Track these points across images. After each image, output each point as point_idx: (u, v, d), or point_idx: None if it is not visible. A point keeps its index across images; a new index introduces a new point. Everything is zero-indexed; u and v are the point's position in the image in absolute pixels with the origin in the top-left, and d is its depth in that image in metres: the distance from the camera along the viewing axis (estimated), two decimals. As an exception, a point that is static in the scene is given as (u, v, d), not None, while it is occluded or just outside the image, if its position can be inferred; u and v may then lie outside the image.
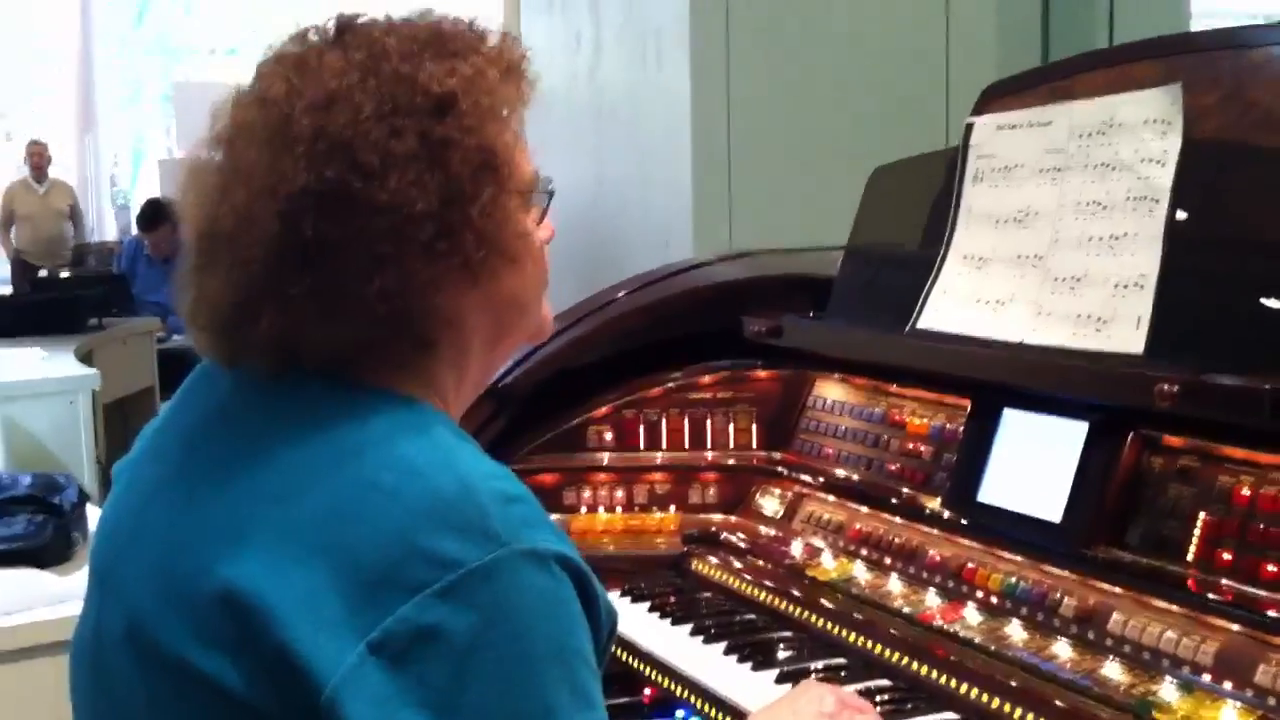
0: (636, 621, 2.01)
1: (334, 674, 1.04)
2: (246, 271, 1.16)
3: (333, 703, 1.04)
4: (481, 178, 1.20)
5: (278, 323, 1.16)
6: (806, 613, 1.93)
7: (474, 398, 1.33)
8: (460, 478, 1.12)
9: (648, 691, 1.94)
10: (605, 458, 2.30)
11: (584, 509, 2.28)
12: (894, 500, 2.00)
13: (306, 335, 1.17)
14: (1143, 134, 1.71)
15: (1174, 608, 1.55)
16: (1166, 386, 1.51)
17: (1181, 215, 1.66)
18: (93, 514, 2.63)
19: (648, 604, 2.06)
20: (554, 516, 2.20)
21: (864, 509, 2.05)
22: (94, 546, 1.29)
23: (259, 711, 1.07)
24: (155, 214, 8.14)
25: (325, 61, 1.19)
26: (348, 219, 1.15)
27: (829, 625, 1.88)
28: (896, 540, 1.95)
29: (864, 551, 1.99)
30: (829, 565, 2.01)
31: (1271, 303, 1.52)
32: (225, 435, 1.21)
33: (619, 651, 1.96)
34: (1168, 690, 1.49)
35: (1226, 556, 1.53)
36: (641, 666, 1.92)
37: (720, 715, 1.75)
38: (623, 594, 2.10)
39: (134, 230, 9.07)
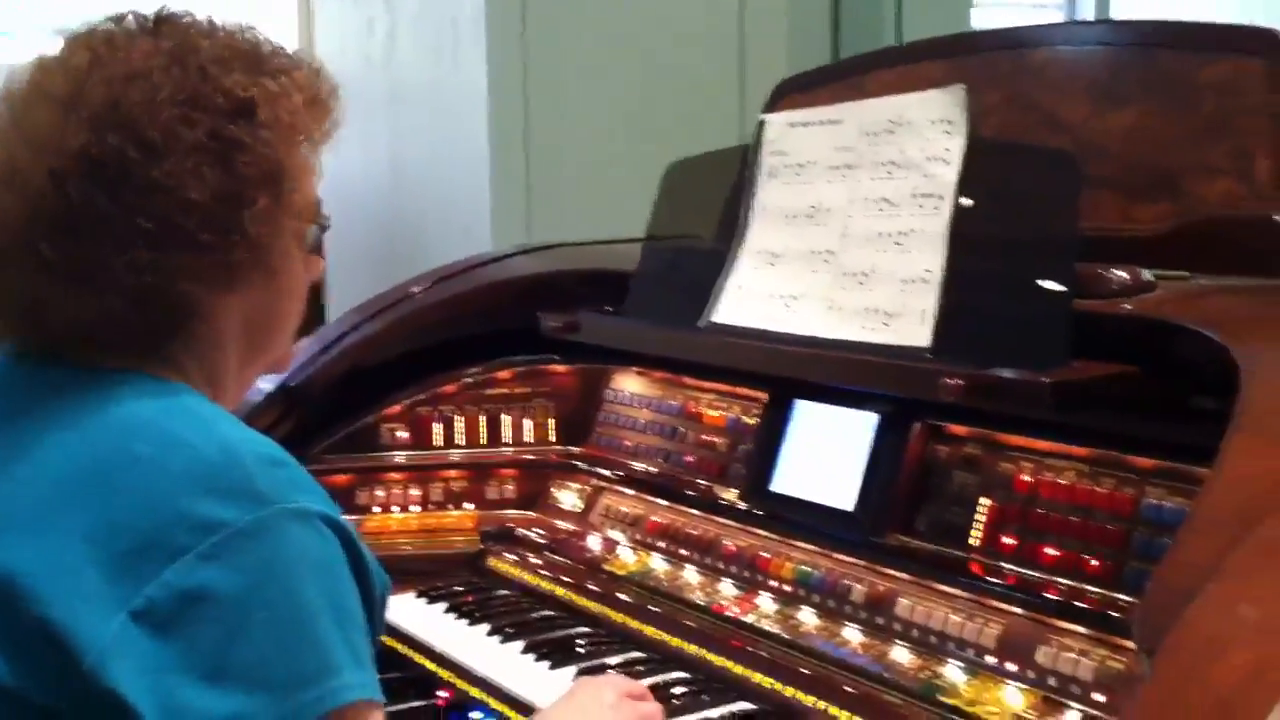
0: (432, 622, 1.98)
1: (96, 645, 1.02)
2: (3, 219, 1.16)
3: (96, 674, 1.02)
4: (263, 188, 1.20)
5: (24, 281, 1.16)
6: (604, 607, 1.93)
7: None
8: (221, 443, 1.12)
9: (443, 694, 1.91)
10: (400, 456, 2.26)
11: (378, 509, 2.24)
12: (691, 493, 2.01)
13: (53, 301, 1.16)
14: (928, 133, 1.74)
15: (960, 592, 1.60)
16: (951, 380, 1.55)
17: (967, 214, 1.70)
18: None
19: (444, 604, 2.03)
20: (347, 518, 2.17)
21: (662, 502, 2.06)
22: None
23: (33, 703, 1.05)
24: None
25: (135, 43, 1.21)
26: (117, 189, 1.15)
27: (627, 619, 1.88)
28: (693, 532, 1.97)
29: (661, 544, 2.00)
30: (627, 559, 2.01)
31: (1048, 297, 1.56)
32: None
33: (413, 654, 1.93)
34: (953, 673, 1.54)
35: (1009, 542, 1.58)
36: (436, 669, 1.89)
37: (517, 715, 1.73)
38: (418, 595, 2.07)
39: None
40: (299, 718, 1.05)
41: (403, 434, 2.26)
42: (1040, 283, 1.57)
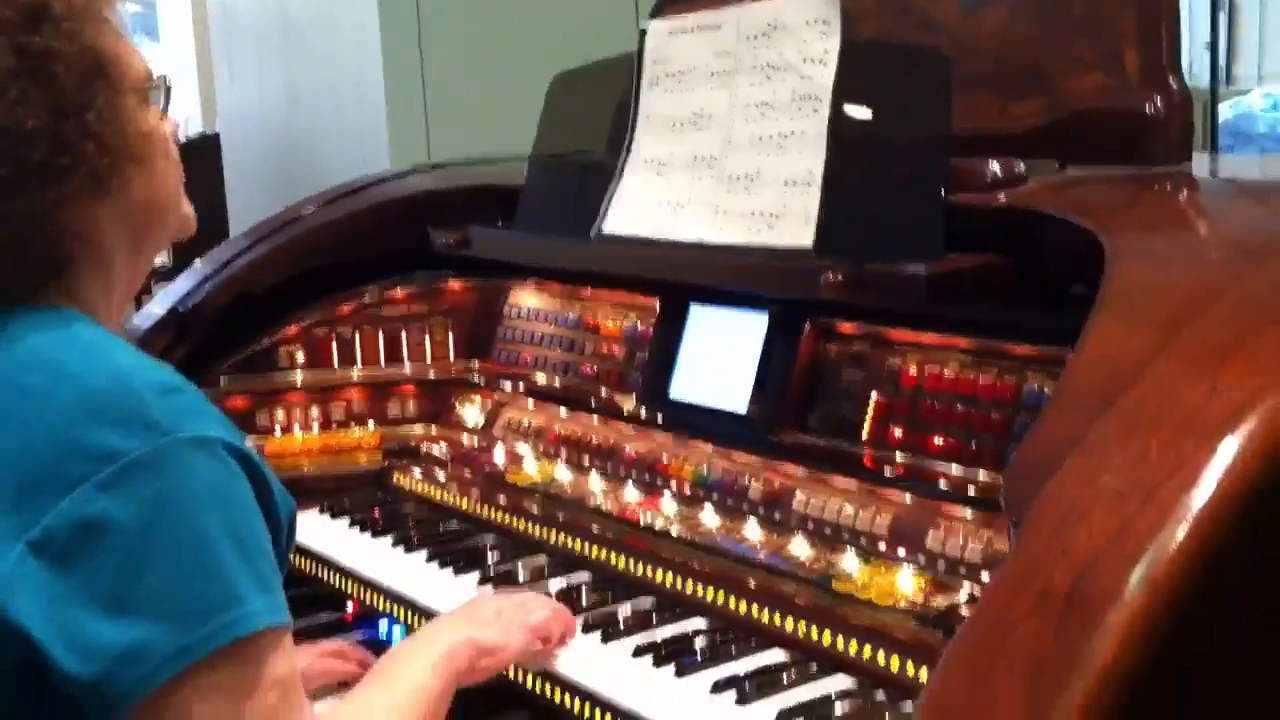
0: (336, 537, 1.99)
1: None
2: None
3: None
4: (91, 83, 1.16)
5: None
6: (510, 517, 1.94)
7: (127, 303, 1.31)
8: (113, 372, 1.10)
9: (350, 607, 1.92)
10: (299, 377, 2.26)
11: (279, 430, 2.24)
12: (592, 402, 2.03)
13: None
14: (804, 35, 1.76)
15: (852, 484, 1.64)
16: (832, 276, 1.58)
17: (844, 114, 1.72)
18: None
19: (348, 519, 2.04)
20: (248, 440, 2.17)
21: (563, 412, 2.08)
22: None
23: None
24: None
25: None
26: None
27: (532, 528, 1.90)
28: (595, 440, 1.99)
29: (564, 453, 2.03)
30: (531, 469, 2.03)
31: (923, 193, 1.59)
32: None
33: (321, 570, 1.94)
34: (848, 561, 1.58)
35: (897, 433, 1.62)
36: (343, 583, 1.90)
37: (421, 621, 1.75)
38: (321, 510, 2.08)
39: None
40: (204, 647, 1.05)
41: (300, 355, 2.25)
42: (915, 179, 1.60)
